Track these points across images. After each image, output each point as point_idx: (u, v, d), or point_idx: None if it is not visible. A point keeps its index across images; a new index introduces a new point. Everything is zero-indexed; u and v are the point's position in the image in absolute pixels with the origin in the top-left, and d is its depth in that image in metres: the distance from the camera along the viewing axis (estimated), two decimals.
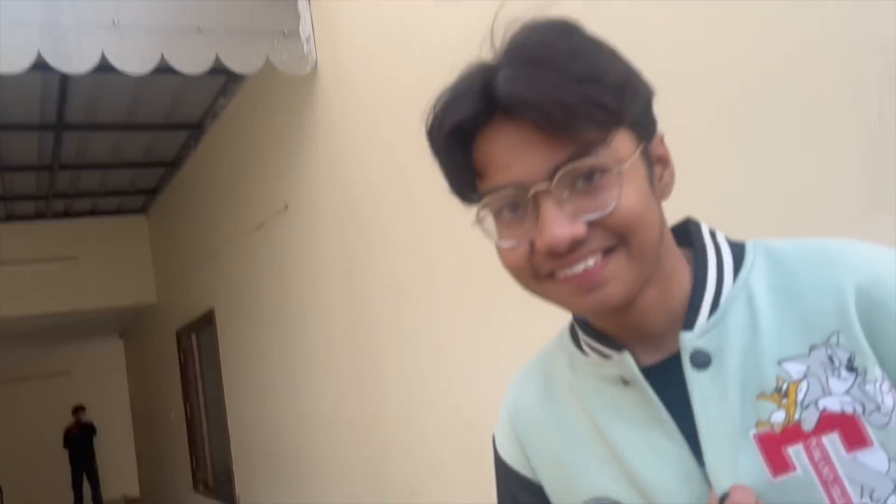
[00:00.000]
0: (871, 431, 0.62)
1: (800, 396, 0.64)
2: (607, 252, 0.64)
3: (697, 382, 0.67)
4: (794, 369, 0.65)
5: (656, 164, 0.69)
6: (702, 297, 0.69)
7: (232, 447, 5.27)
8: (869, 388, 0.62)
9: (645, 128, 0.67)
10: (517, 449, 0.80)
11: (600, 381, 0.73)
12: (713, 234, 0.74)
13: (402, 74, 2.60)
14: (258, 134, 4.08)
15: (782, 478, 0.63)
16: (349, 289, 3.20)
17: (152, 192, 6.57)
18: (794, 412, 0.64)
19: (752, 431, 0.65)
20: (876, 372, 0.62)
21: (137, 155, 5.49)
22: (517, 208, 0.65)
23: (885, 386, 0.62)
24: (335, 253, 3.31)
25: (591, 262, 0.64)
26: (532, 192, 0.63)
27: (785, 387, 0.64)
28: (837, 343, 0.64)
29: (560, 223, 0.62)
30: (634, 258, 0.65)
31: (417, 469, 2.74)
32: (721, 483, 0.64)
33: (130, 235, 7.14)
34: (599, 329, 0.73)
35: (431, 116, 0.68)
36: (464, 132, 0.65)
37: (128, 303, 7.22)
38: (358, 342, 3.16)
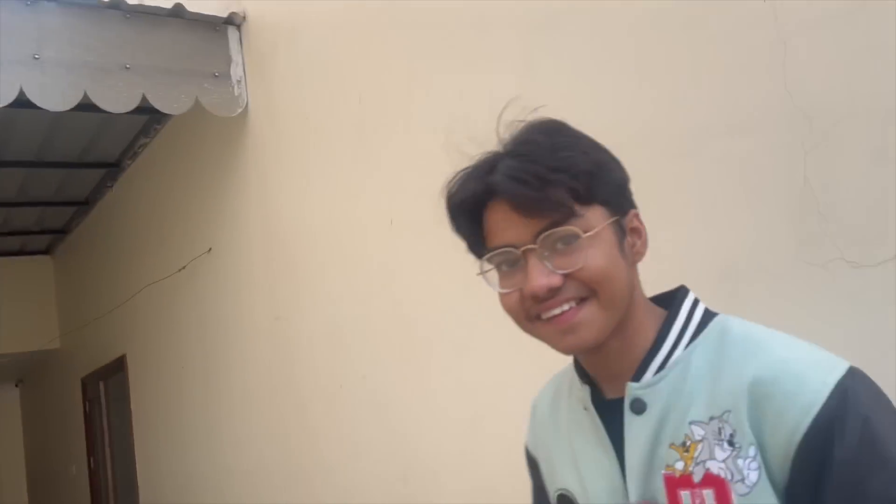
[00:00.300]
0: (735, 497, 0.76)
1: (696, 454, 0.79)
2: (581, 301, 0.81)
3: (630, 423, 0.84)
4: (697, 432, 0.80)
5: (629, 235, 0.85)
6: (653, 358, 0.84)
7: (141, 503, 4.98)
8: (740, 462, 0.76)
9: (617, 205, 0.84)
10: (531, 437, 1.03)
11: (577, 402, 0.92)
12: (695, 304, 0.88)
13: (338, 121, 2.61)
14: (182, 175, 3.97)
15: None
16: (277, 335, 3.13)
17: (60, 233, 6.25)
18: (690, 465, 0.79)
19: (662, 471, 0.81)
20: (750, 451, 0.75)
21: (47, 193, 5.23)
22: (513, 264, 0.83)
23: (754, 465, 0.75)
24: (262, 297, 3.23)
25: (566, 307, 0.81)
26: (522, 250, 0.81)
27: (688, 443, 0.80)
28: (727, 420, 0.78)
29: (540, 274, 0.80)
30: (604, 307, 0.81)
31: None
32: (634, 499, 0.83)
33: (33, 277, 6.74)
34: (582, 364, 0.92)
35: (447, 192, 0.86)
36: (470, 206, 0.84)
37: (27, 348, 6.77)
38: (286, 390, 3.08)
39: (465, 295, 1.99)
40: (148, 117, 3.98)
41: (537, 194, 0.78)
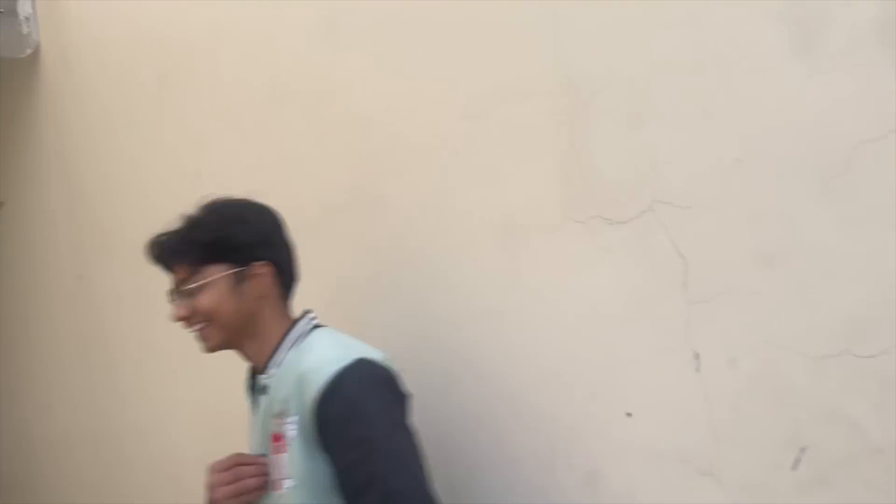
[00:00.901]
0: (286, 446, 1.26)
1: (280, 421, 1.27)
2: (207, 325, 1.32)
3: (258, 400, 1.36)
4: (280, 407, 1.28)
5: (250, 280, 1.32)
6: (273, 358, 1.32)
7: None
8: (286, 426, 1.26)
9: (240, 261, 1.32)
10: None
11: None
12: (308, 322, 1.36)
13: (140, 69, 2.46)
14: None
15: (272, 456, 1.30)
16: (80, 295, 2.95)
17: None
18: (277, 428, 1.28)
19: (270, 431, 1.29)
20: (292, 419, 1.25)
21: None
22: (173, 299, 1.36)
23: (293, 427, 1.25)
24: (62, 256, 3.02)
25: (198, 326, 1.33)
26: (170, 294, 1.36)
27: (278, 414, 1.28)
28: (287, 401, 1.27)
29: (177, 309, 1.34)
30: (218, 329, 1.33)
31: (161, 482, 2.61)
32: (257, 450, 1.35)
33: None
34: None
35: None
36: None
37: None
38: (91, 353, 2.92)
39: None
40: None
41: (170, 266, 1.33)
